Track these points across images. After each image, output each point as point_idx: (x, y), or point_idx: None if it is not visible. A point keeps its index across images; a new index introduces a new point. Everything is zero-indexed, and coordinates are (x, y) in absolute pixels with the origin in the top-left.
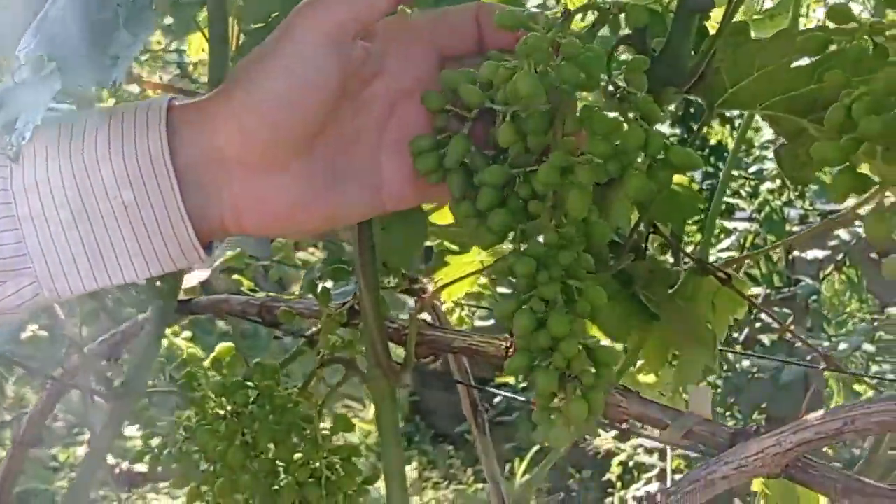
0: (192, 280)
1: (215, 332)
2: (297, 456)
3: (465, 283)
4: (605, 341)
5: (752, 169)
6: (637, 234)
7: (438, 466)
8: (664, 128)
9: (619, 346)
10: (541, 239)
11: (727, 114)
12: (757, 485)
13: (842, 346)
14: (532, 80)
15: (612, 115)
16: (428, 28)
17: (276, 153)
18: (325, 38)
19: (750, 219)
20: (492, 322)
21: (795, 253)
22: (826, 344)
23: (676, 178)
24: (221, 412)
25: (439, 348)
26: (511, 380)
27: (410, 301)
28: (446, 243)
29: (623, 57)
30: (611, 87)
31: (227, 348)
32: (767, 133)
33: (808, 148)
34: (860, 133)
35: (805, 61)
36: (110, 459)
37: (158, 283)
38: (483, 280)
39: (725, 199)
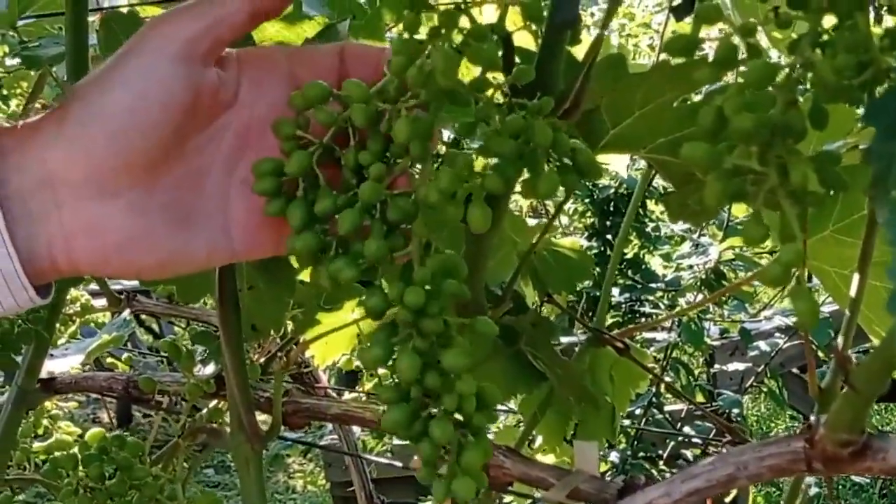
0: (63, 365)
1: None
2: None
3: (341, 344)
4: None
5: (669, 277)
6: (517, 285)
7: None
8: (581, 240)
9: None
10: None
11: (644, 229)
12: None
13: None
14: (448, 55)
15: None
16: (285, 60)
17: (109, 175)
18: (172, 53)
19: (669, 329)
20: None
21: (717, 366)
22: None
23: (568, 243)
24: (73, 487)
25: (314, 416)
26: None
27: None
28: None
29: None
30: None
31: (98, 433)
32: (685, 246)
33: (698, 194)
34: (732, 132)
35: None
36: None
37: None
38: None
39: (645, 311)
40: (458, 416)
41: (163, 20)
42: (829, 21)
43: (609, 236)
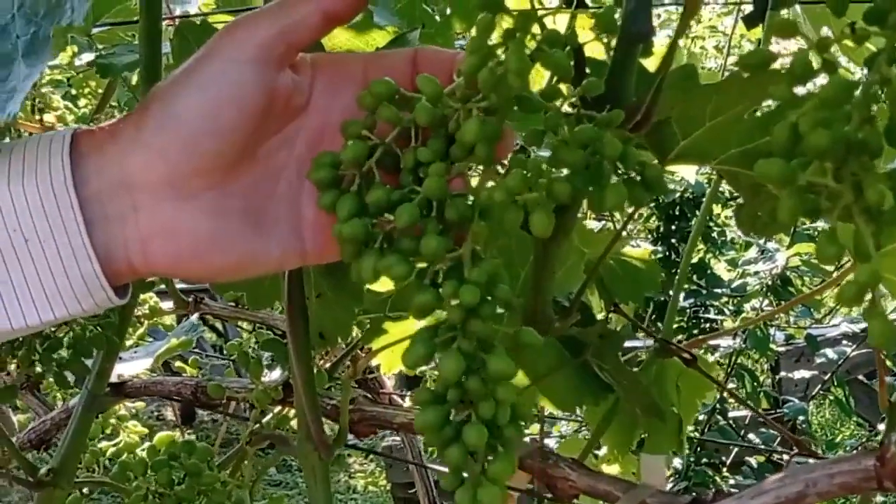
0: (133, 368)
1: None
2: None
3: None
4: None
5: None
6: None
7: None
8: (647, 245)
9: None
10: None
11: (710, 233)
12: None
13: None
14: (522, 55)
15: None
16: (360, 65)
17: (186, 177)
18: (247, 57)
19: (734, 335)
20: None
21: (783, 373)
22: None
23: (637, 253)
24: (143, 492)
25: (380, 425)
26: None
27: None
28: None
29: None
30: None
31: (166, 437)
32: (751, 252)
33: (768, 206)
34: (807, 149)
35: (762, 110)
36: None
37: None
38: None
39: (710, 316)
40: (489, 425)
41: (237, 25)
42: None
43: (674, 241)
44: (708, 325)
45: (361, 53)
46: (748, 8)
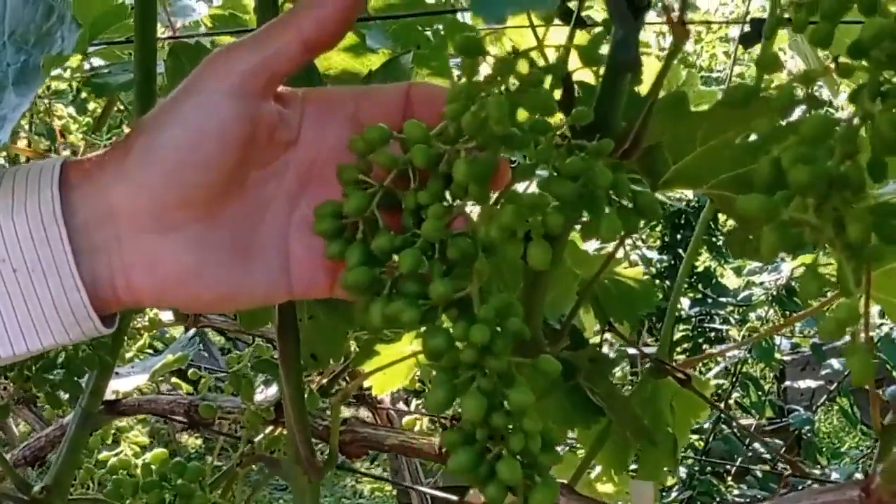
0: (128, 384)
1: None
2: None
3: (399, 375)
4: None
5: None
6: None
7: None
8: (652, 253)
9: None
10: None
11: (716, 242)
12: None
13: (834, 475)
14: (502, 102)
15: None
16: (351, 100)
17: (169, 209)
18: (227, 88)
19: (739, 344)
20: None
21: (788, 381)
22: (817, 473)
23: (631, 272)
24: None
25: (371, 446)
26: None
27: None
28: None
29: None
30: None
31: (160, 454)
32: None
33: (758, 231)
34: (790, 185)
35: (752, 136)
36: None
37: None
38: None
39: (715, 325)
40: (522, 457)
41: (219, 56)
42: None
43: (679, 250)
44: (713, 333)
45: (352, 88)
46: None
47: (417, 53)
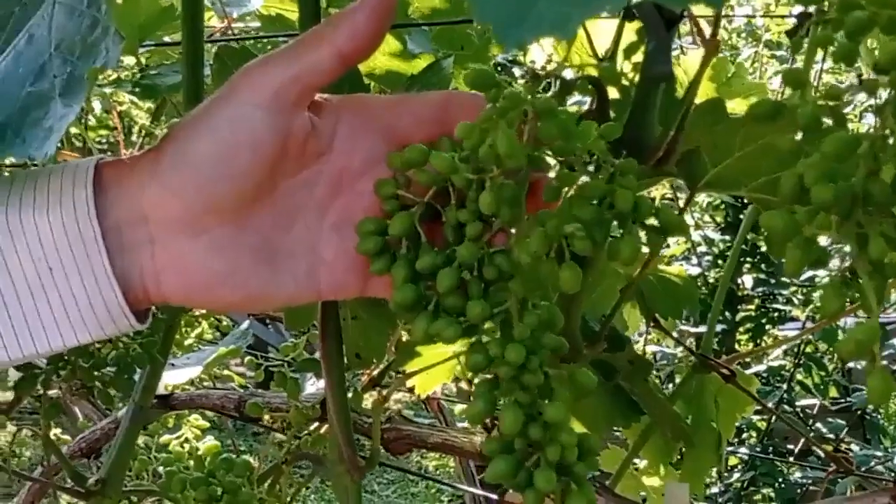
0: (182, 377)
1: None
2: None
3: (440, 375)
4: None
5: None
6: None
7: None
8: (715, 234)
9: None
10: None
11: None
12: None
13: None
14: (510, 138)
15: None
16: (385, 110)
17: (200, 216)
18: (261, 101)
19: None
20: None
21: (851, 364)
22: (879, 455)
23: (673, 270)
24: None
25: (414, 444)
26: None
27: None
28: None
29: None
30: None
31: (213, 447)
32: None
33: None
34: (812, 202)
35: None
36: None
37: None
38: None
39: (777, 306)
40: (559, 466)
41: (255, 68)
42: None
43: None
44: (777, 314)
45: (388, 98)
46: None
47: (459, 55)
